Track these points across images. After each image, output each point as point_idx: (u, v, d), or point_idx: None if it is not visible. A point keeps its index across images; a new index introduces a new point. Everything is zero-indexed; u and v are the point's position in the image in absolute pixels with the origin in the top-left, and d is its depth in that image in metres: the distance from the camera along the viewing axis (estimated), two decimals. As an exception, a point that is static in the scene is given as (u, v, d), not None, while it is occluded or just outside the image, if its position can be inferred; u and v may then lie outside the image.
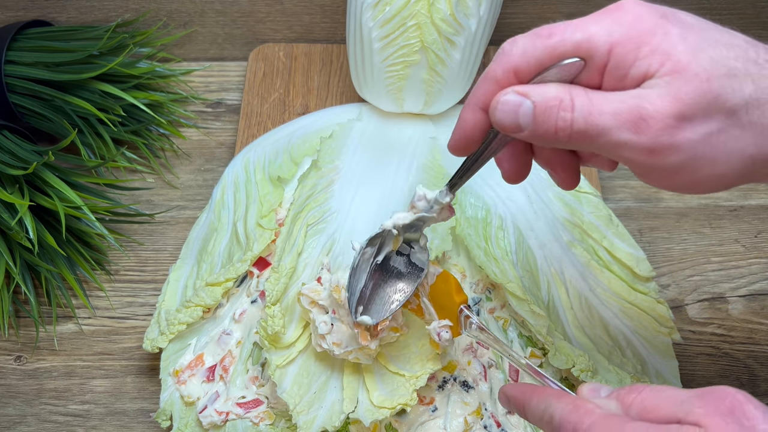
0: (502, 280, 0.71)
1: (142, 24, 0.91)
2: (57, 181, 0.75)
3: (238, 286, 0.73)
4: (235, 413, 0.68)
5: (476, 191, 0.76)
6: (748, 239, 0.82)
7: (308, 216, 0.72)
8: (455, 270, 0.75)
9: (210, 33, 0.93)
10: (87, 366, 0.74)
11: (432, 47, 0.73)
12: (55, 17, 0.91)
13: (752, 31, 1.05)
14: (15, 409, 0.72)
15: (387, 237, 0.63)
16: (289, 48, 0.92)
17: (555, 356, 0.67)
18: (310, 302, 0.66)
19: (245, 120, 0.86)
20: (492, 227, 0.74)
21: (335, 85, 0.89)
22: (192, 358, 0.71)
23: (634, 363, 0.69)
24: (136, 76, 0.85)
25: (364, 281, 0.63)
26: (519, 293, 0.70)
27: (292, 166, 0.79)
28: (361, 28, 0.74)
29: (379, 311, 0.63)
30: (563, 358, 0.67)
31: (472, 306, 0.73)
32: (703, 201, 0.84)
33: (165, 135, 0.87)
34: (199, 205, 0.83)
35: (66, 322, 0.76)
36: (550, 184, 0.77)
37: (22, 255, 0.74)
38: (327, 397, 0.66)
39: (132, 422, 0.71)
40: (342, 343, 0.64)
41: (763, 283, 0.79)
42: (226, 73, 0.93)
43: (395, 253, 0.64)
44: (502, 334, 0.72)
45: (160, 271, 0.79)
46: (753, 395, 0.72)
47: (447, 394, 0.69)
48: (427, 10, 0.72)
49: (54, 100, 0.81)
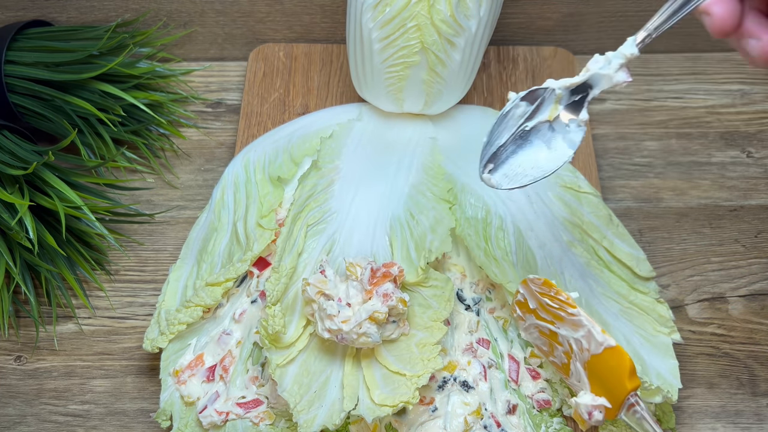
0: (502, 281, 0.71)
1: (142, 24, 0.91)
2: (57, 181, 0.75)
3: (238, 286, 0.73)
4: (235, 413, 0.68)
5: (476, 191, 0.76)
6: (748, 239, 0.82)
7: (308, 216, 0.72)
8: (455, 270, 0.75)
9: (210, 33, 0.93)
10: (87, 366, 0.74)
11: (432, 48, 0.73)
12: (55, 17, 0.91)
13: (752, 31, 1.04)
14: (15, 409, 0.72)
15: (546, 99, 0.57)
16: (289, 48, 0.92)
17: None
18: (317, 292, 0.66)
19: (245, 120, 0.86)
20: (492, 227, 0.74)
21: (335, 85, 0.89)
22: (192, 358, 0.71)
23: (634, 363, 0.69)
24: (136, 76, 0.85)
25: (506, 140, 0.57)
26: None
27: (292, 166, 0.79)
28: (361, 29, 0.74)
29: (508, 178, 0.57)
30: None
31: (472, 306, 0.73)
32: (703, 201, 0.84)
33: (165, 135, 0.87)
34: (199, 205, 0.83)
35: (66, 322, 0.76)
36: (550, 184, 0.77)
37: (22, 255, 0.74)
38: (327, 396, 0.66)
39: (132, 422, 0.71)
40: (350, 320, 0.64)
41: (763, 283, 0.79)
42: (226, 73, 0.93)
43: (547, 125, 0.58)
44: (502, 334, 0.72)
45: (160, 271, 0.79)
46: (753, 395, 0.73)
47: (447, 394, 0.69)
48: (427, 11, 0.72)
49: (54, 100, 0.81)
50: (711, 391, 0.73)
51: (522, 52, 0.92)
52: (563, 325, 0.57)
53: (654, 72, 0.94)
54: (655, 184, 0.85)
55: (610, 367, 0.55)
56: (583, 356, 0.57)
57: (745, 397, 0.72)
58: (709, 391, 0.73)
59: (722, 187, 0.85)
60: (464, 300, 0.73)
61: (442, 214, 0.73)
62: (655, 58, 0.95)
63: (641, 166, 0.86)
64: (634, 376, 0.55)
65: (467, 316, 0.73)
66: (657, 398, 0.66)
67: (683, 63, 0.94)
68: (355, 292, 0.66)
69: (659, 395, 0.66)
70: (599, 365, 0.56)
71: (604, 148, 0.88)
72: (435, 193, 0.75)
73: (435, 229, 0.72)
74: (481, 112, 0.84)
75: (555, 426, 0.69)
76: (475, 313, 0.73)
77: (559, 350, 0.58)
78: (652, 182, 0.85)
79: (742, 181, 0.85)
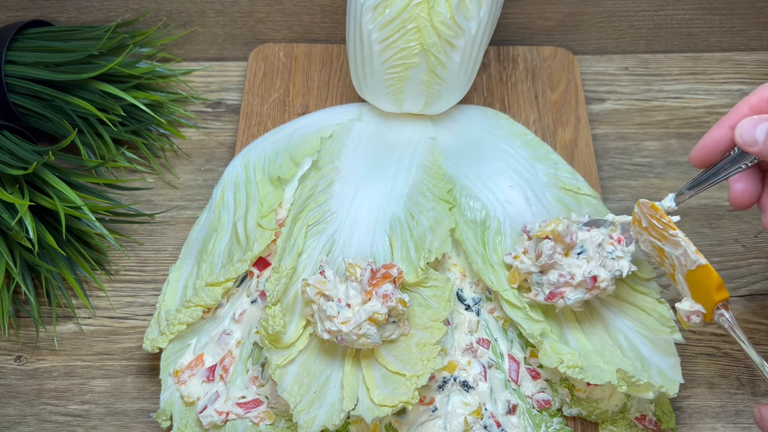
0: (498, 288, 0.71)
1: (142, 24, 0.91)
2: (57, 181, 0.75)
3: (238, 286, 0.73)
4: (235, 413, 0.68)
5: (475, 194, 0.76)
6: (748, 239, 0.82)
7: (308, 216, 0.72)
8: (455, 270, 0.75)
9: (210, 33, 0.93)
10: (87, 366, 0.74)
11: (432, 50, 0.73)
12: (55, 17, 0.91)
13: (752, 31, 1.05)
14: (15, 409, 0.72)
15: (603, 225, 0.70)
16: (289, 48, 0.92)
17: (544, 355, 0.68)
18: (316, 292, 0.66)
19: (245, 120, 0.86)
20: (490, 231, 0.74)
21: (335, 85, 0.89)
22: (192, 358, 0.71)
23: (634, 361, 0.69)
24: (136, 76, 0.85)
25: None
26: (514, 301, 0.71)
27: (292, 166, 0.79)
28: (360, 30, 0.74)
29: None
30: (552, 356, 0.67)
31: (472, 306, 0.73)
32: (703, 201, 0.84)
33: (165, 135, 0.87)
34: (199, 205, 0.83)
35: (66, 322, 0.76)
36: (549, 186, 0.77)
37: (22, 255, 0.74)
38: (327, 397, 0.66)
39: (132, 422, 0.71)
40: (350, 321, 0.64)
41: (763, 283, 0.79)
42: (226, 73, 0.93)
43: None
44: (502, 334, 0.72)
45: (160, 271, 0.79)
46: (753, 395, 0.73)
47: (447, 394, 0.69)
48: (426, 13, 0.72)
49: (54, 100, 0.81)
50: (711, 391, 0.73)
51: (522, 52, 0.92)
52: (666, 243, 0.66)
53: (654, 72, 0.94)
54: (655, 184, 0.85)
55: (703, 281, 0.64)
56: (683, 270, 0.65)
57: (745, 397, 0.73)
58: (709, 391, 0.73)
59: (722, 187, 0.85)
60: (464, 300, 0.73)
61: (441, 214, 0.73)
62: (655, 58, 0.95)
63: (641, 166, 0.86)
64: (722, 289, 0.63)
65: (467, 316, 0.73)
66: (649, 394, 0.66)
67: (683, 63, 0.94)
68: (355, 293, 0.66)
69: (651, 391, 0.65)
70: (695, 279, 0.64)
71: (604, 148, 0.88)
72: (435, 194, 0.75)
73: (435, 229, 0.72)
74: (481, 112, 0.84)
75: (555, 426, 0.69)
76: (475, 313, 0.73)
77: (667, 262, 0.67)
78: (652, 182, 0.85)
79: (742, 181, 0.85)
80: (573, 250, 0.69)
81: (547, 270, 0.69)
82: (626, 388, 0.65)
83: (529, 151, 0.80)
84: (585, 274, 0.68)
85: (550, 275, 0.69)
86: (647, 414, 0.69)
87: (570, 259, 0.69)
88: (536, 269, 0.70)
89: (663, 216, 0.66)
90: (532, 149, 0.80)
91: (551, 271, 0.69)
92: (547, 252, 0.68)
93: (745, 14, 0.93)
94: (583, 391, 0.69)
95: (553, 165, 0.79)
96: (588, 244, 0.69)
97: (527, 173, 0.78)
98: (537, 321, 0.70)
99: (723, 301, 0.63)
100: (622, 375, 0.65)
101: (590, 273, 0.67)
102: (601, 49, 0.95)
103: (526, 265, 0.70)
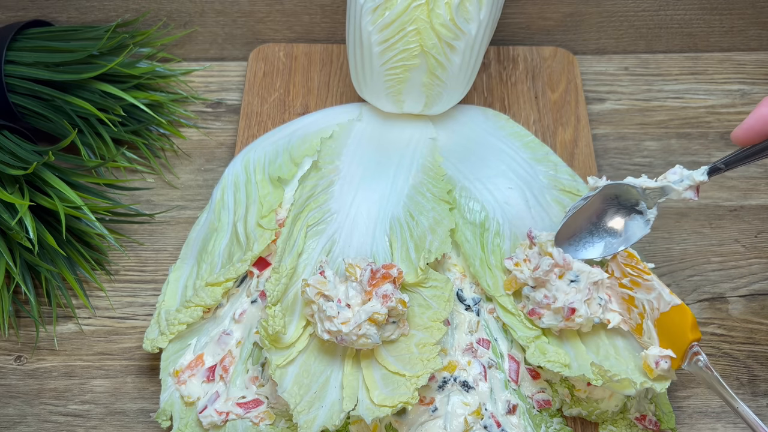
0: (494, 293, 0.71)
1: (142, 24, 0.91)
2: (57, 181, 0.75)
3: (238, 286, 0.73)
4: (235, 413, 0.68)
5: (475, 195, 0.76)
6: (748, 239, 0.82)
7: (308, 217, 0.72)
8: (455, 270, 0.75)
9: (210, 33, 0.93)
10: (87, 366, 0.74)
11: (431, 52, 0.73)
12: (55, 17, 0.91)
13: (752, 31, 1.05)
14: (15, 409, 0.72)
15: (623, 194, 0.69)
16: (289, 48, 0.92)
17: (532, 354, 0.68)
18: (316, 293, 0.66)
19: (245, 120, 0.86)
20: (489, 233, 0.74)
21: (335, 85, 0.89)
22: (192, 358, 0.71)
23: (628, 361, 0.68)
24: (136, 76, 0.85)
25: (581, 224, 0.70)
26: (509, 307, 0.71)
27: (292, 166, 0.79)
28: (360, 32, 0.74)
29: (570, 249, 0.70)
30: (539, 355, 0.67)
31: (472, 306, 0.73)
32: (703, 201, 0.84)
33: (165, 135, 0.87)
34: (199, 205, 0.83)
35: (66, 322, 0.76)
36: (548, 187, 0.77)
37: (22, 255, 0.74)
38: (327, 397, 0.66)
39: (132, 422, 0.71)
40: (350, 321, 0.64)
41: (763, 283, 0.79)
42: (226, 73, 0.93)
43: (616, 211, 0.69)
44: (502, 334, 0.72)
45: (160, 271, 0.79)
46: (753, 395, 0.73)
47: (447, 394, 0.69)
48: (426, 15, 0.72)
49: (54, 100, 0.81)
50: (711, 391, 0.73)
51: (522, 52, 0.92)
52: (639, 290, 0.67)
53: (654, 72, 0.94)
54: (655, 184, 0.85)
55: (676, 322, 0.64)
56: (653, 315, 0.66)
57: (745, 397, 0.73)
58: (709, 391, 0.73)
59: (722, 187, 0.85)
60: (464, 300, 0.73)
61: (441, 214, 0.73)
62: (655, 58, 0.95)
63: (641, 166, 0.86)
64: (696, 329, 0.64)
65: (467, 316, 0.73)
66: (630, 390, 0.65)
67: (683, 63, 0.94)
68: (355, 293, 0.66)
69: (631, 387, 0.65)
70: (666, 321, 0.65)
71: (604, 148, 0.88)
72: (435, 194, 0.75)
73: (435, 229, 0.72)
74: (481, 113, 0.84)
75: (555, 426, 0.69)
76: (475, 313, 0.73)
77: (635, 312, 0.68)
78: (652, 182, 0.85)
79: (742, 181, 0.85)
80: (566, 275, 0.69)
81: (539, 286, 0.69)
82: (602, 383, 0.65)
83: (529, 152, 0.80)
84: (565, 303, 0.67)
85: (537, 293, 0.69)
86: (647, 414, 0.69)
87: (561, 283, 0.68)
88: (532, 282, 0.70)
89: (638, 262, 0.68)
90: (532, 151, 0.80)
91: (540, 289, 0.69)
92: (544, 268, 0.68)
93: (745, 14, 0.93)
94: (583, 391, 0.69)
95: (552, 167, 0.79)
96: (582, 277, 0.68)
97: (527, 175, 0.78)
98: (530, 329, 0.70)
99: (696, 341, 0.64)
100: (598, 369, 0.65)
101: (571, 304, 0.67)
102: (601, 49, 0.95)
103: (524, 276, 0.70)
